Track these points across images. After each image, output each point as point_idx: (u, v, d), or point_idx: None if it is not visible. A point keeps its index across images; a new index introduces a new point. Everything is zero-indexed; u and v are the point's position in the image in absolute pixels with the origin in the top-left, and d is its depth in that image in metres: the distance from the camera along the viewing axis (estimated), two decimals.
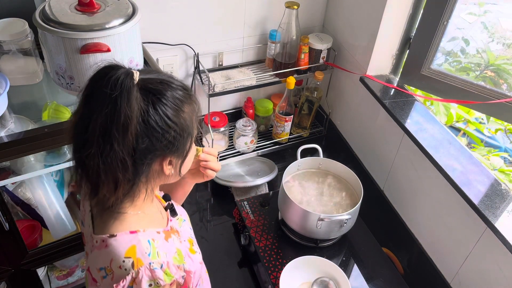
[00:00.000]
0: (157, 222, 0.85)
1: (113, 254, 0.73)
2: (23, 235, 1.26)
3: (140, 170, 0.74)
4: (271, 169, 1.63)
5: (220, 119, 1.67)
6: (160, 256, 0.76)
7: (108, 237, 0.75)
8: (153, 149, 0.72)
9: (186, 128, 0.75)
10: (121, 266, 0.72)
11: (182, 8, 1.45)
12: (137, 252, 0.73)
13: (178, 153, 0.77)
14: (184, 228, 0.97)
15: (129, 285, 0.72)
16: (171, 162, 0.78)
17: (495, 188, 1.13)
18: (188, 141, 0.78)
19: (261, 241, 1.31)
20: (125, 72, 0.69)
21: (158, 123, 0.70)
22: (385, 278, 1.26)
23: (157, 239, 0.78)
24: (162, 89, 0.72)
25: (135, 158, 0.71)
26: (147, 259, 0.73)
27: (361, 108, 1.59)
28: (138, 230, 0.77)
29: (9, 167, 1.23)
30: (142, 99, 0.69)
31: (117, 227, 0.77)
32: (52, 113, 1.20)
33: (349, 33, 1.58)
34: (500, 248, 1.03)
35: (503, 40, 1.43)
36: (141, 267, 0.72)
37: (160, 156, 0.75)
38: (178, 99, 0.73)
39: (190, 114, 0.77)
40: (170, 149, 0.74)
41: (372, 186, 1.56)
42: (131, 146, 0.69)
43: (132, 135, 0.68)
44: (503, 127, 1.76)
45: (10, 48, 1.15)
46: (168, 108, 0.71)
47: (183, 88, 0.76)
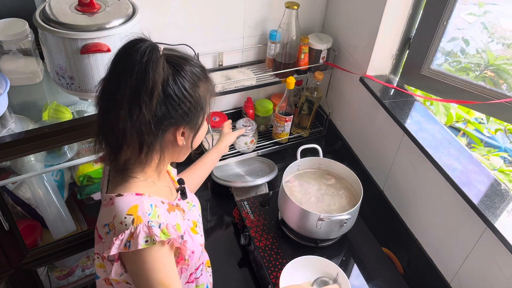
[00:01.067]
0: (164, 194, 0.91)
1: (116, 210, 0.79)
2: (23, 235, 1.26)
3: (157, 136, 0.80)
4: (271, 169, 1.63)
5: (220, 119, 1.67)
6: (160, 218, 0.80)
7: (115, 196, 0.81)
8: (168, 116, 0.78)
9: (199, 103, 0.82)
10: (122, 221, 0.77)
11: (182, 8, 1.45)
12: (139, 210, 0.78)
13: (191, 125, 0.83)
14: (192, 213, 1.01)
15: (127, 239, 0.76)
16: (184, 133, 0.84)
17: (495, 188, 1.13)
18: (201, 115, 0.84)
19: (261, 241, 1.31)
20: (151, 45, 0.75)
21: (176, 92, 0.77)
22: (385, 278, 1.27)
23: (159, 207, 0.83)
24: (182, 63, 0.79)
25: (154, 123, 0.77)
26: (147, 217, 0.78)
27: (361, 108, 1.59)
28: (143, 194, 0.83)
29: (9, 167, 1.23)
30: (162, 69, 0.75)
31: (126, 188, 0.83)
32: (52, 113, 1.20)
33: (349, 33, 1.58)
34: (500, 248, 1.03)
35: (503, 40, 1.43)
36: (140, 224, 0.77)
37: (174, 125, 0.81)
38: (195, 75, 0.80)
39: (205, 91, 0.83)
40: (184, 119, 0.80)
41: (372, 186, 1.56)
42: (154, 111, 0.75)
43: (156, 99, 0.75)
44: (503, 127, 1.77)
45: (10, 48, 1.15)
46: (186, 80, 0.78)
47: (200, 67, 0.83)
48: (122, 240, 0.76)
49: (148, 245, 0.77)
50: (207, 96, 0.85)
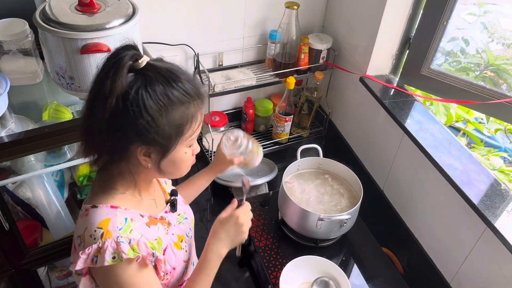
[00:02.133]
0: (145, 207, 0.87)
1: (88, 223, 0.77)
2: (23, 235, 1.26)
3: (116, 146, 0.76)
4: (271, 169, 1.63)
5: (220, 119, 1.67)
6: (133, 233, 0.78)
7: (91, 207, 0.79)
8: (124, 129, 0.74)
9: (165, 126, 0.75)
10: (92, 235, 0.75)
11: (182, 8, 1.45)
12: (110, 224, 0.76)
13: (154, 147, 0.77)
14: (183, 226, 0.98)
15: (95, 254, 0.75)
16: (149, 154, 0.78)
17: (495, 188, 1.13)
18: (168, 140, 0.77)
19: (261, 241, 1.31)
20: (132, 54, 0.73)
21: (133, 107, 0.72)
22: (385, 278, 1.27)
23: (136, 221, 0.81)
24: (155, 80, 0.73)
25: (109, 131, 0.74)
26: (117, 232, 0.76)
27: (361, 108, 1.59)
28: (119, 207, 0.80)
29: (9, 167, 1.23)
30: (131, 81, 0.72)
31: (102, 199, 0.81)
32: (52, 113, 1.20)
33: (349, 33, 1.58)
34: (500, 248, 1.03)
35: (503, 40, 1.43)
36: (109, 239, 0.75)
37: (134, 141, 0.76)
38: (168, 97, 0.74)
39: (182, 116, 0.76)
40: (140, 137, 0.75)
41: (372, 186, 1.56)
42: (106, 117, 0.72)
43: (110, 107, 0.71)
44: (503, 127, 1.76)
45: (10, 48, 1.15)
46: (150, 98, 0.72)
47: (184, 91, 0.76)
48: (89, 255, 0.74)
49: (115, 261, 0.74)
50: (185, 122, 0.77)
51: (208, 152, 1.63)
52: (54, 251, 1.32)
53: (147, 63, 0.75)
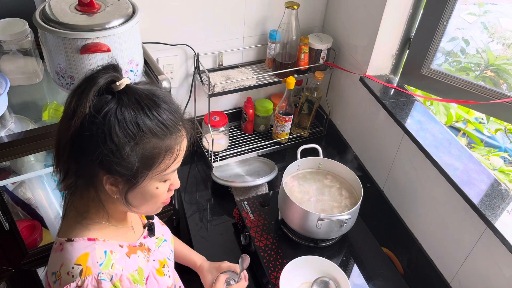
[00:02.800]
0: (123, 236, 0.82)
1: (64, 258, 0.71)
2: (23, 235, 1.26)
3: (83, 170, 0.71)
4: (271, 169, 1.63)
5: (220, 119, 1.67)
6: (115, 268, 0.73)
7: (65, 241, 0.73)
8: (88, 154, 0.67)
9: (130, 158, 0.67)
10: (69, 272, 0.70)
11: (182, 8, 1.45)
12: (89, 260, 0.71)
13: (121, 177, 0.70)
14: (163, 249, 0.94)
15: None
16: (116, 183, 0.71)
17: (495, 188, 1.13)
18: (136, 173, 0.69)
19: (261, 241, 1.31)
20: (108, 76, 0.67)
21: (98, 131, 0.66)
22: (385, 278, 1.26)
23: (116, 252, 0.76)
24: (127, 106, 0.67)
25: (73, 153, 0.69)
26: (97, 268, 0.70)
27: (361, 108, 1.59)
28: (97, 239, 0.75)
29: (9, 167, 1.23)
30: (103, 104, 0.66)
31: (77, 232, 0.74)
32: (52, 113, 1.20)
33: (349, 33, 1.58)
34: (500, 248, 1.03)
35: (503, 40, 1.43)
36: (88, 276, 0.69)
37: (100, 169, 0.69)
38: (138, 127, 0.67)
39: (154, 149, 0.69)
40: (104, 165, 0.68)
41: (372, 186, 1.56)
42: (71, 138, 0.67)
43: (73, 127, 0.66)
44: (503, 127, 1.76)
45: (10, 48, 1.15)
46: (117, 125, 0.66)
47: (160, 123, 0.69)
48: None
49: None
50: (157, 156, 0.70)
51: (208, 152, 1.63)
52: None
53: (127, 85, 0.68)
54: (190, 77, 1.63)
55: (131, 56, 1.10)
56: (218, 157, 1.64)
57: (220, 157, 1.64)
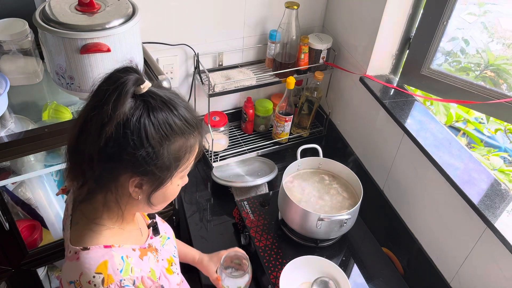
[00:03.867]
0: (134, 239, 0.83)
1: (83, 268, 0.71)
2: (23, 235, 1.26)
3: (104, 175, 0.71)
4: (271, 169, 1.63)
5: (220, 119, 1.67)
6: (134, 272, 0.74)
7: (81, 250, 0.73)
8: (119, 159, 0.68)
9: (164, 158, 0.70)
10: (91, 281, 0.69)
11: (182, 8, 1.45)
12: (109, 268, 0.71)
13: (148, 178, 0.72)
14: (168, 247, 0.95)
15: None
16: (141, 185, 0.73)
17: (495, 188, 1.13)
18: (166, 172, 0.72)
19: (261, 241, 1.31)
20: (135, 78, 0.67)
21: (134, 135, 0.66)
22: (385, 278, 1.27)
23: (131, 256, 0.76)
24: (157, 108, 0.68)
25: (100, 159, 0.68)
26: (119, 275, 0.71)
27: (361, 108, 1.59)
28: (112, 245, 0.75)
29: (9, 167, 1.23)
30: (131, 107, 0.67)
31: (92, 240, 0.74)
32: (52, 113, 1.20)
33: (349, 33, 1.58)
34: (500, 248, 1.03)
35: (503, 40, 1.43)
36: (111, 284, 0.70)
37: (127, 171, 0.70)
38: (170, 126, 0.69)
39: (181, 148, 0.72)
40: (137, 168, 0.69)
41: (372, 186, 1.56)
42: (101, 145, 0.66)
43: (106, 135, 0.66)
44: (503, 127, 1.76)
45: (10, 48, 1.15)
46: (152, 127, 0.67)
47: (185, 121, 0.71)
48: None
49: None
50: (183, 154, 0.73)
51: (208, 152, 1.63)
52: (54, 251, 1.32)
53: (149, 89, 0.70)
54: (190, 77, 1.63)
55: (131, 56, 1.10)
56: (218, 157, 1.64)
57: (220, 157, 1.64)
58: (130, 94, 0.66)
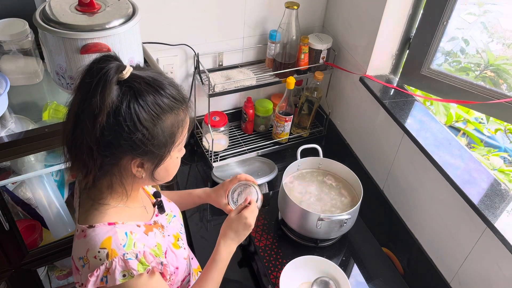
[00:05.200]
0: (139, 216, 0.87)
1: (89, 244, 0.75)
2: (23, 235, 1.26)
3: (106, 162, 0.74)
4: (271, 169, 1.63)
5: (220, 119, 1.67)
6: (137, 246, 0.77)
7: (87, 228, 0.78)
8: (117, 145, 0.72)
9: (160, 136, 0.74)
10: (96, 256, 0.74)
11: (182, 8, 1.45)
12: (112, 243, 0.75)
13: (148, 157, 0.76)
14: (174, 224, 0.98)
15: (104, 275, 0.74)
16: (143, 165, 0.77)
17: (495, 188, 1.13)
18: (163, 149, 0.76)
19: (261, 241, 1.31)
20: (116, 66, 0.69)
21: (127, 122, 0.70)
22: (385, 278, 1.27)
23: (135, 232, 0.80)
24: (144, 91, 0.71)
25: (99, 148, 0.71)
26: (122, 250, 0.75)
27: (361, 108, 1.59)
28: (116, 222, 0.79)
29: (9, 167, 1.23)
30: (118, 94, 0.69)
31: (97, 218, 0.79)
32: (52, 113, 1.20)
33: (349, 33, 1.58)
34: (500, 248, 1.03)
35: (503, 40, 1.43)
36: (115, 258, 0.74)
37: (127, 154, 0.74)
38: (159, 106, 0.72)
39: (173, 124, 0.76)
40: (136, 151, 0.73)
41: (372, 186, 1.56)
42: (97, 135, 0.70)
43: (100, 125, 0.69)
44: (503, 127, 1.77)
45: (10, 48, 1.15)
46: (143, 110, 0.70)
47: (172, 97, 0.75)
48: (98, 276, 0.73)
49: (126, 279, 0.74)
50: (176, 129, 0.77)
51: (208, 152, 1.63)
52: (54, 251, 1.32)
53: (131, 73, 0.72)
54: (190, 77, 1.63)
55: (131, 56, 1.10)
56: (218, 157, 1.64)
57: (220, 157, 1.64)
58: (114, 82, 0.69)
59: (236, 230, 0.99)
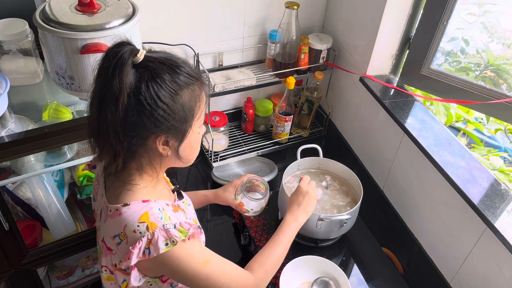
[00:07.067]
0: (166, 196, 0.91)
1: (127, 221, 0.78)
2: (23, 235, 1.26)
3: (133, 142, 0.78)
4: (271, 169, 1.63)
5: (220, 119, 1.67)
6: (172, 219, 0.81)
7: (122, 206, 0.80)
8: (141, 124, 0.75)
9: (180, 111, 0.78)
10: (136, 230, 0.77)
11: (182, 8, 1.45)
12: (150, 217, 0.78)
13: (173, 134, 0.80)
14: (190, 211, 1.01)
15: (146, 247, 0.76)
16: (167, 142, 0.81)
17: (495, 188, 1.13)
18: (184, 124, 0.80)
19: (261, 241, 1.31)
20: (129, 49, 0.73)
21: (148, 100, 0.73)
22: (385, 278, 1.27)
23: (166, 209, 0.83)
24: (160, 70, 0.75)
25: (125, 130, 0.75)
26: (160, 222, 0.78)
27: (361, 108, 1.59)
28: (149, 200, 0.82)
29: (9, 167, 1.23)
30: (135, 75, 0.73)
31: (130, 197, 0.82)
32: (52, 113, 1.20)
33: (349, 33, 1.58)
34: (500, 248, 1.03)
35: (503, 40, 1.43)
36: (156, 229, 0.77)
37: (152, 133, 0.78)
38: (176, 83, 0.76)
39: (191, 98, 0.79)
40: (160, 128, 0.77)
41: (372, 186, 1.56)
42: (121, 116, 0.73)
43: (122, 107, 0.72)
44: (503, 127, 1.77)
45: (10, 48, 1.15)
46: (161, 88, 0.74)
47: (187, 74, 0.78)
48: (141, 248, 0.76)
49: (168, 247, 0.77)
50: (194, 103, 0.81)
51: (208, 152, 1.63)
52: (54, 251, 1.32)
53: (145, 55, 0.76)
54: None
55: None
56: (218, 157, 1.64)
57: (220, 157, 1.64)
58: (130, 64, 0.72)
59: (298, 201, 1.12)
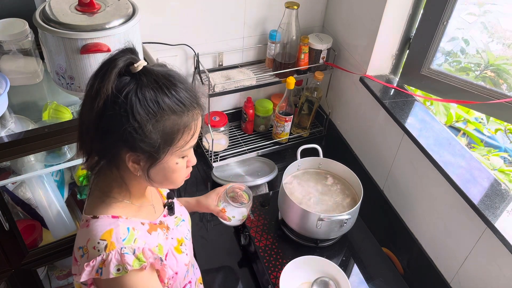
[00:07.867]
0: (145, 214, 0.87)
1: (91, 234, 0.76)
2: (23, 235, 1.26)
3: (106, 149, 0.75)
4: (271, 169, 1.63)
5: (220, 119, 1.67)
6: (137, 242, 0.77)
7: (91, 218, 0.79)
8: (111, 132, 0.72)
9: (152, 134, 0.72)
10: (95, 247, 0.75)
11: (182, 8, 1.45)
12: (113, 236, 0.76)
13: (143, 155, 0.74)
14: (181, 229, 0.97)
15: (99, 266, 0.74)
16: (138, 161, 0.76)
17: (495, 188, 1.13)
18: (158, 150, 0.74)
19: (261, 241, 1.31)
20: (126, 58, 0.71)
21: (121, 111, 0.70)
22: (385, 278, 1.27)
23: (138, 229, 0.81)
24: (147, 86, 0.71)
25: (97, 131, 0.73)
26: (120, 243, 0.75)
27: (361, 108, 1.59)
28: (120, 216, 0.80)
29: (9, 167, 1.23)
30: (122, 83, 0.70)
31: (101, 209, 0.80)
32: (52, 113, 1.20)
33: (349, 33, 1.58)
34: (500, 248, 1.03)
35: (503, 40, 1.43)
36: (112, 251, 0.74)
37: (123, 147, 0.73)
38: (158, 105, 0.71)
39: (173, 126, 0.73)
40: (127, 142, 0.72)
41: (372, 186, 1.56)
42: (95, 119, 0.71)
43: (97, 108, 0.70)
44: (503, 127, 1.76)
45: (10, 48, 1.15)
46: (138, 103, 0.70)
47: (177, 100, 0.73)
48: (94, 267, 0.74)
49: (120, 273, 0.74)
50: (176, 132, 0.74)
51: (208, 152, 1.63)
52: (54, 251, 1.32)
53: (144, 67, 0.72)
54: (190, 77, 1.63)
55: None
56: (218, 157, 1.64)
57: (220, 157, 1.64)
58: (117, 71, 0.70)
59: None
